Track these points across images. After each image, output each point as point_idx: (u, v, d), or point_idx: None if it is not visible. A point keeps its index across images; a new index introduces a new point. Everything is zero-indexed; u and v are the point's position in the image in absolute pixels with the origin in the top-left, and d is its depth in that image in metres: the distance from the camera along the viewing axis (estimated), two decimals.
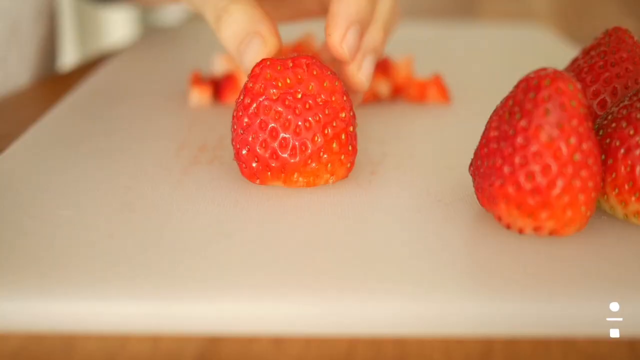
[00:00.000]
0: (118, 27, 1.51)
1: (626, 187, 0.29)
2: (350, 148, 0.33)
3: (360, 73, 0.37)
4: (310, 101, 0.32)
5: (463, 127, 0.43)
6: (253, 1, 0.37)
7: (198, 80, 0.49)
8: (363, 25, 0.37)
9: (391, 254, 0.28)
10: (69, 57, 1.18)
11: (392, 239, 0.30)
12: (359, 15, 0.36)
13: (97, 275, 0.27)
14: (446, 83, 0.49)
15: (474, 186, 0.31)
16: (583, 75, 0.34)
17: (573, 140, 0.27)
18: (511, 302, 0.25)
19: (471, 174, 0.31)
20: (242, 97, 0.33)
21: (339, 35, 0.36)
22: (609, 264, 0.28)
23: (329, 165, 0.33)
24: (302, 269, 0.27)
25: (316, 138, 0.32)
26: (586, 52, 0.35)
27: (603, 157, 0.30)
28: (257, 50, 0.35)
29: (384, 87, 0.48)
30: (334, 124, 0.33)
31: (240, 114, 0.33)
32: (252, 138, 0.32)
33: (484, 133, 0.30)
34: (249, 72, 0.33)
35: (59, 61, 0.62)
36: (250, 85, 0.33)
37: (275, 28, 0.36)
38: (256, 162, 0.33)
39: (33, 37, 0.55)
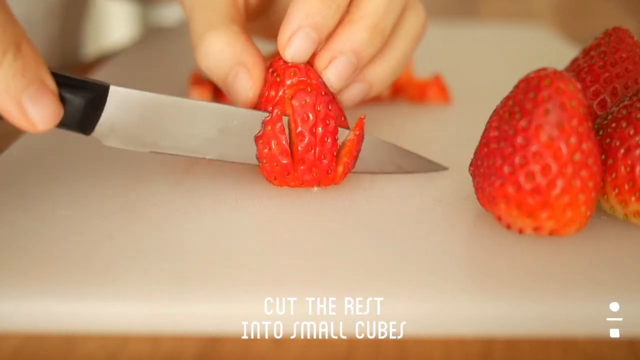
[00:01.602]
0: (118, 27, 1.51)
1: (626, 187, 0.29)
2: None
3: (327, 70, 0.34)
4: None
5: (463, 127, 0.43)
6: (234, 24, 0.34)
7: (198, 80, 0.49)
8: (319, 29, 0.33)
9: (391, 254, 0.28)
10: None
11: (392, 239, 0.30)
12: (312, 17, 0.32)
13: (97, 275, 0.27)
14: (446, 83, 0.49)
15: (474, 186, 0.31)
16: (583, 75, 0.34)
17: (573, 140, 0.27)
18: (511, 302, 0.25)
19: (471, 174, 0.31)
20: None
21: (282, 39, 0.33)
22: (609, 264, 0.28)
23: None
24: (301, 269, 0.27)
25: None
26: (586, 52, 0.35)
27: (603, 157, 0.30)
28: (244, 87, 0.34)
29: None
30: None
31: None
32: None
33: (484, 133, 0.30)
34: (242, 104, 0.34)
35: (66, 61, 0.62)
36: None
37: (259, 54, 0.34)
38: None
39: (43, 37, 0.55)
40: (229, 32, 0.34)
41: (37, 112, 0.28)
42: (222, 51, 0.33)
